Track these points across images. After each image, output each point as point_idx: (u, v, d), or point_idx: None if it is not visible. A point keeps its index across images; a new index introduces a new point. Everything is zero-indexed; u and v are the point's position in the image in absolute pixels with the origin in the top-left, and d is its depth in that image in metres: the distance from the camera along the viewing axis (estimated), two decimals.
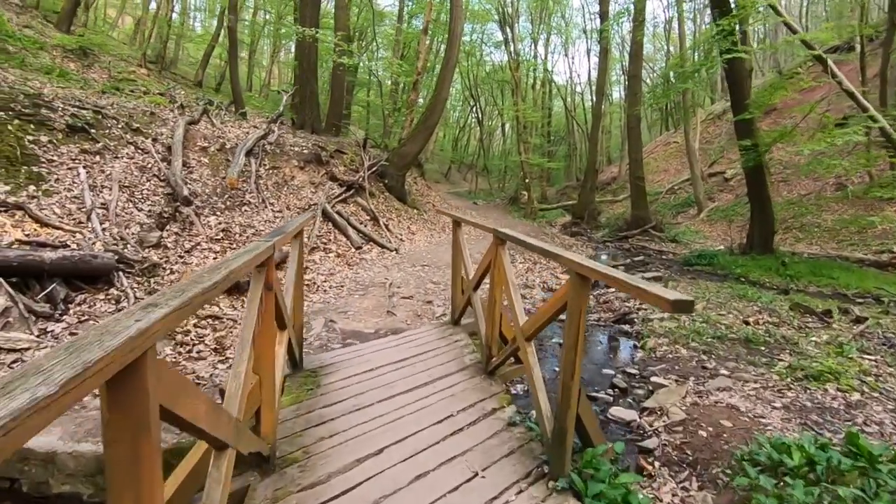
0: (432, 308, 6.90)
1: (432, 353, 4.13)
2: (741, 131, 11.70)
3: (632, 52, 16.72)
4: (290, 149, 10.15)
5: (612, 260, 13.20)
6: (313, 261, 7.99)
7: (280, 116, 12.08)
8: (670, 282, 10.18)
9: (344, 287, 7.49)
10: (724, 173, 25.49)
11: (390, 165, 12.06)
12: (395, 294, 7.33)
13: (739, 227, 19.51)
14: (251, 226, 7.83)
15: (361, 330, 5.77)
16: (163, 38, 16.66)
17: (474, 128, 51.28)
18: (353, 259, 8.74)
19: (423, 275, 8.76)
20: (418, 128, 12.02)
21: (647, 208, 17.08)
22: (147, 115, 8.63)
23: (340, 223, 9.19)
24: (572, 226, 20.61)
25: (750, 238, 12.18)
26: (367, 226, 10.18)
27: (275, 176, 9.32)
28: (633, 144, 16.75)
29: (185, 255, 6.44)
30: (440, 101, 11.80)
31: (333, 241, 8.85)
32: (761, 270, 10.69)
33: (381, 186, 12.02)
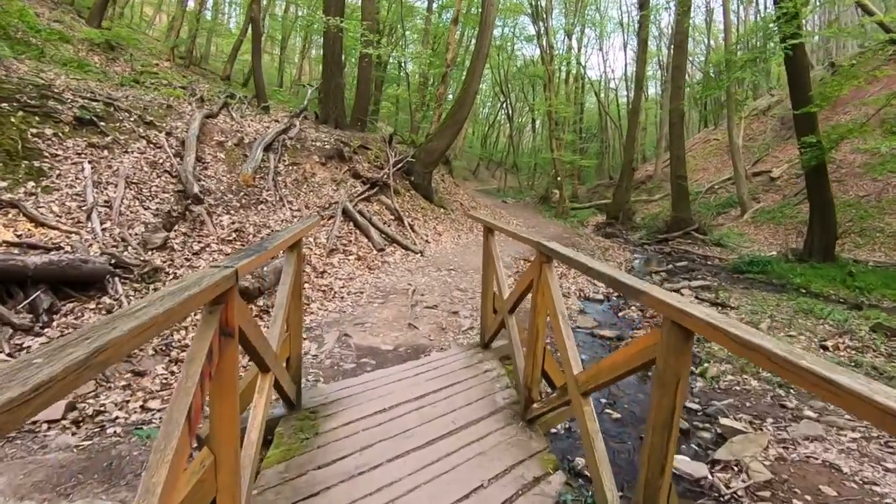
0: (458, 320, 6.19)
1: (458, 388, 3.42)
2: (802, 127, 10.55)
3: (675, 42, 15.55)
4: (311, 144, 9.59)
5: (651, 265, 12.21)
6: (332, 264, 7.39)
7: (304, 111, 11.56)
8: (721, 292, 9.20)
9: (363, 294, 6.85)
10: (770, 172, 23.90)
11: (417, 162, 11.39)
12: (419, 303, 6.65)
13: (788, 230, 18.11)
14: (266, 225, 7.28)
15: (379, 346, 5.11)
16: (192, 32, 16.40)
17: (503, 125, 50.29)
18: (374, 262, 8.11)
19: (449, 280, 8.07)
20: (447, 122, 11.31)
21: (689, 209, 15.92)
22: (163, 108, 8.18)
23: (362, 223, 8.57)
24: (606, 226, 19.55)
25: (808, 244, 11.01)
26: (391, 226, 9.54)
27: (294, 172, 8.76)
28: (674, 141, 15.61)
29: (193, 258, 5.90)
30: (470, 94, 11.05)
31: (354, 243, 8.24)
32: (824, 281, 9.57)
33: (407, 184, 11.37)
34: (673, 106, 15.39)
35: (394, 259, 8.55)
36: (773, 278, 10.21)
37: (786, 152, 26.22)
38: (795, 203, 19.70)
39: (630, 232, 19.13)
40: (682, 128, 16.03)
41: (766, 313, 7.40)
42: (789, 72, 10.41)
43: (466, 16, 19.08)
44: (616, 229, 18.93)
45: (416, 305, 6.54)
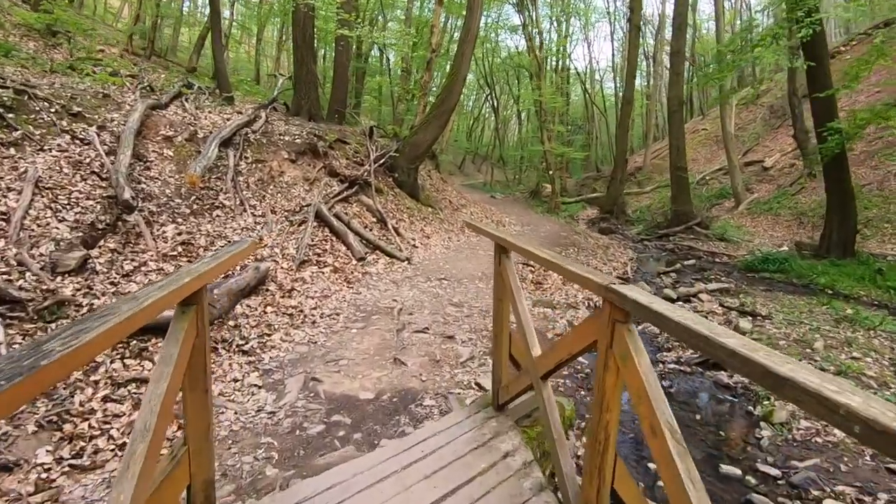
0: (455, 347, 5.03)
1: (466, 494, 2.24)
2: (821, 112, 9.53)
3: (675, 25, 14.49)
4: (279, 138, 8.29)
5: (658, 265, 11.17)
6: (302, 279, 6.15)
7: (274, 102, 10.25)
8: (742, 296, 8.18)
9: (340, 316, 5.65)
10: (763, 162, 23.12)
11: (401, 157, 10.17)
12: (406, 326, 5.46)
13: (788, 221, 17.28)
14: (222, 235, 6.02)
15: (356, 394, 3.92)
16: (151, 20, 14.85)
17: (488, 118, 49.07)
18: (353, 274, 6.89)
19: (440, 293, 6.89)
20: (433, 113, 10.09)
21: (691, 203, 14.95)
22: (98, 98, 6.83)
23: (339, 228, 7.34)
24: (600, 221, 18.52)
25: (825, 238, 10.05)
26: (373, 230, 8.32)
27: (258, 171, 7.48)
28: (674, 131, 14.58)
29: (122, 281, 4.64)
30: (458, 80, 9.85)
31: (330, 252, 7.01)
32: (850, 280, 8.61)
33: (390, 182, 10.14)
34: (672, 93, 14.35)
35: (376, 269, 7.34)
36: (793, 277, 9.23)
37: (776, 141, 25.50)
38: (792, 193, 18.88)
39: (625, 226, 18.14)
40: (682, 116, 15.03)
41: (806, 324, 6.37)
42: (808, 53, 9.37)
43: (450, 2, 17.80)
44: (611, 224, 17.92)
45: (404, 329, 5.36)
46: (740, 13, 31.72)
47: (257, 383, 3.96)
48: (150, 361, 3.87)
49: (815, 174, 19.05)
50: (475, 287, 7.39)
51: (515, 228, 12.52)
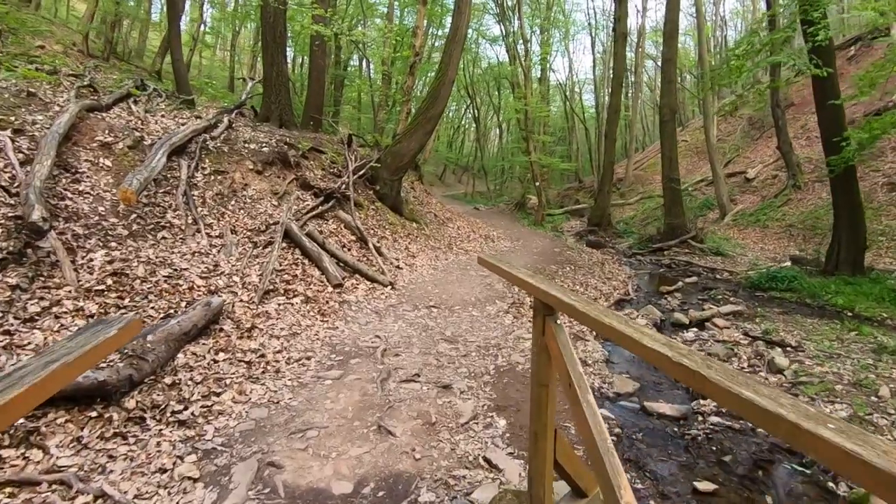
0: (453, 401, 4.04)
1: None
2: (829, 122, 8.93)
3: (665, 32, 13.95)
4: (244, 146, 7.22)
5: (661, 284, 10.40)
6: (266, 314, 5.08)
7: (241, 106, 9.17)
8: (758, 318, 7.41)
9: (311, 360, 4.59)
10: (746, 173, 22.89)
11: (382, 167, 9.18)
12: (392, 373, 4.45)
13: (778, 234, 16.84)
14: (168, 263, 4.91)
15: (328, 487, 2.87)
16: (110, 20, 13.59)
17: (468, 128, 48.52)
18: (329, 304, 5.84)
19: (430, 325, 5.90)
20: (418, 120, 9.15)
21: (684, 215, 14.32)
22: (20, 97, 5.67)
23: (312, 250, 6.29)
24: (588, 233, 17.81)
25: (833, 254, 9.42)
26: (352, 250, 7.29)
27: (218, 184, 6.39)
28: (666, 141, 13.97)
29: (21, 329, 3.52)
30: (445, 84, 8.95)
31: (301, 278, 5.95)
32: (868, 300, 7.93)
33: (371, 195, 9.14)
34: (664, 102, 13.76)
35: (356, 297, 6.30)
36: (806, 297, 8.52)
37: (757, 153, 25.39)
38: (779, 205, 18.53)
39: (614, 239, 17.46)
40: (675, 126, 14.45)
41: (844, 356, 5.59)
42: (818, 59, 8.76)
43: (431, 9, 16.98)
44: (600, 237, 17.22)
45: (389, 378, 4.34)
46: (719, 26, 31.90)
47: (192, 474, 2.88)
48: (40, 450, 2.78)
49: (800, 185, 18.81)
50: (468, 316, 6.42)
51: (505, 244, 11.63)
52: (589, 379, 4.89)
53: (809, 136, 22.45)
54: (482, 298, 7.20)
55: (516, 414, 4.00)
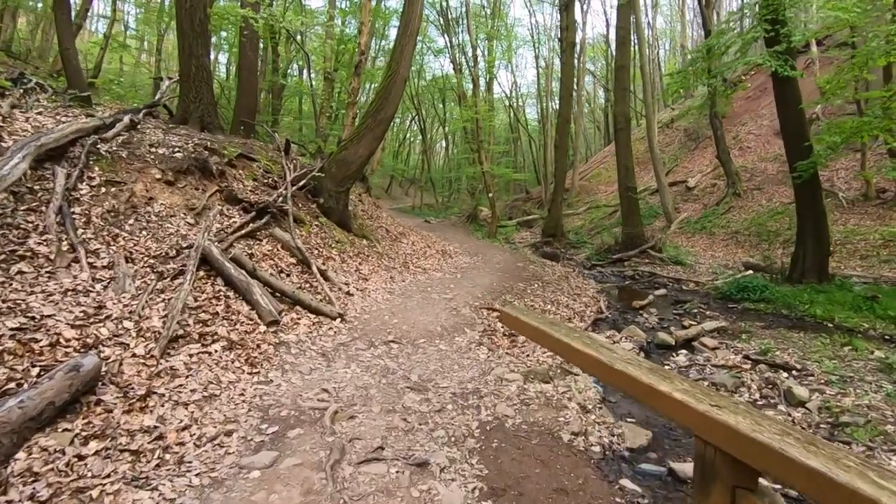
0: (431, 488, 2.91)
1: None
2: (793, 127, 8.67)
3: (618, 39, 13.65)
4: (150, 151, 5.76)
5: (632, 299, 9.76)
6: (172, 370, 3.73)
7: (153, 107, 7.64)
8: (744, 335, 6.82)
9: (232, 438, 3.30)
10: (686, 182, 23.42)
11: (327, 178, 7.92)
12: (346, 448, 3.25)
13: (725, 240, 16.98)
14: (22, 309, 3.46)
15: None
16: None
17: (413, 141, 47.68)
18: (261, 349, 4.53)
19: (390, 366, 4.74)
20: (366, 123, 7.99)
21: (641, 224, 13.97)
22: None
23: (239, 279, 4.96)
24: (543, 245, 17.23)
25: (798, 262, 9.15)
26: (292, 275, 5.99)
27: (112, 198, 4.92)
28: (621, 149, 13.61)
29: None
30: (397, 83, 7.86)
31: (223, 317, 4.60)
32: (845, 309, 7.58)
33: (314, 209, 7.85)
34: (618, 110, 13.41)
35: (297, 336, 5.02)
36: (781, 308, 8.10)
37: (694, 162, 26.17)
38: (722, 213, 18.87)
39: (569, 250, 16.97)
40: (629, 133, 14.13)
41: (856, 376, 4.98)
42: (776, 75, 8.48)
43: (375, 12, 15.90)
44: (555, 248, 16.67)
45: (343, 458, 3.13)
46: (650, 45, 33.04)
47: None
48: None
49: (740, 193, 19.29)
50: (436, 351, 5.31)
51: (464, 260, 10.63)
52: (594, 429, 3.91)
53: (742, 146, 23.34)
54: (449, 327, 6.11)
55: (519, 500, 2.94)
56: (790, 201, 17.08)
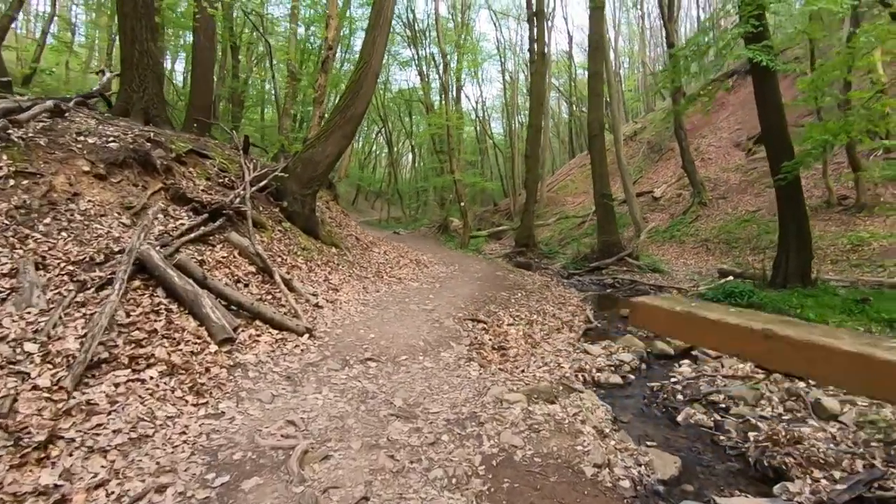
0: None
1: None
2: (772, 130, 8.50)
3: (591, 44, 13.49)
4: (75, 140, 4.83)
5: (599, 305, 9.31)
6: (88, 407, 2.86)
7: (89, 97, 6.66)
8: None
9: (165, 496, 2.46)
10: (652, 192, 23.68)
11: (291, 178, 7.12)
12: (320, 501, 2.48)
13: (696, 248, 17.02)
14: None
15: None
16: None
17: (379, 154, 46.98)
18: (210, 373, 3.69)
19: (369, 389, 3.98)
20: (334, 120, 7.25)
21: (617, 232, 13.70)
22: None
23: (186, 290, 4.09)
24: (517, 255, 16.75)
25: (781, 267, 8.94)
26: (251, 285, 5.15)
27: (23, 192, 3.99)
28: (596, 156, 13.36)
29: None
30: (369, 76, 7.16)
31: (163, 335, 3.73)
32: (835, 313, 7.33)
33: (277, 213, 7.02)
34: (593, 117, 13.18)
35: (256, 356, 4.18)
36: (771, 313, 7.80)
37: (658, 174, 26.59)
38: (689, 221, 19.02)
39: (542, 260, 16.57)
40: (604, 140, 13.92)
41: None
42: (756, 71, 8.33)
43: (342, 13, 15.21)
44: (528, 258, 16.22)
45: None
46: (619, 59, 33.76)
47: None
48: None
49: (705, 202, 19.52)
50: (420, 369, 4.59)
51: (440, 269, 9.95)
52: (618, 458, 3.28)
53: (703, 158, 23.80)
54: (432, 341, 5.40)
55: None
56: (755, 209, 17.42)
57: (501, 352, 5.67)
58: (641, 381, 5.18)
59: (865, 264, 11.06)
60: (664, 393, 4.76)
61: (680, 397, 4.66)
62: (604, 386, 4.99)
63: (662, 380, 5.19)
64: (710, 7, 38.12)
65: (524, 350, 5.88)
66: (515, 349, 5.85)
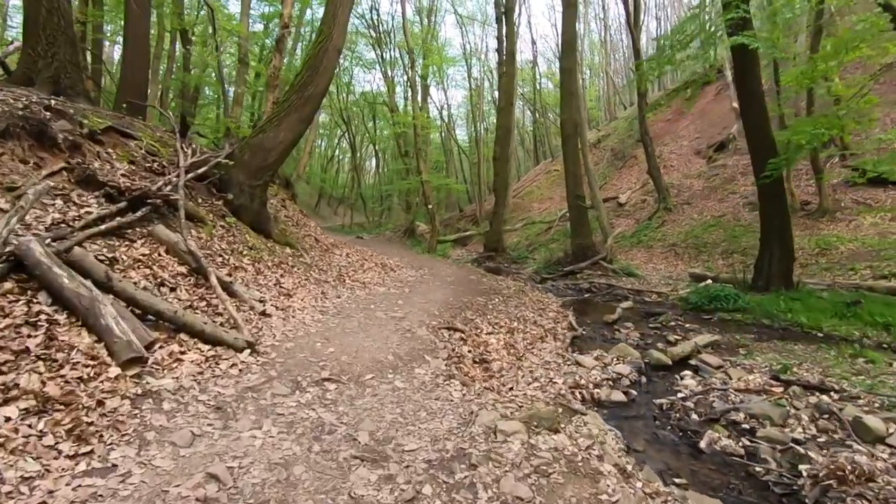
0: None
1: None
2: (754, 126, 8.17)
3: (563, 41, 13.02)
4: None
5: (601, 313, 8.70)
6: None
7: None
8: (741, 349, 5.88)
9: None
10: (617, 198, 23.63)
11: (238, 167, 6.09)
12: None
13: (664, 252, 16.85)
14: None
15: None
16: None
17: (342, 159, 45.66)
18: (104, 408, 2.68)
19: (329, 420, 3.05)
20: (290, 100, 6.25)
21: (591, 235, 13.21)
22: None
23: (77, 295, 3.06)
24: (486, 259, 16.08)
25: (763, 270, 8.61)
26: (179, 289, 4.12)
27: None
28: (569, 156, 12.87)
29: None
30: (329, 51, 6.22)
31: (38, 355, 2.70)
32: (828, 317, 6.95)
33: (219, 206, 5.96)
34: (566, 116, 12.69)
35: (175, 380, 3.18)
36: (760, 317, 7.36)
37: (622, 180, 26.69)
38: (656, 226, 18.93)
39: (512, 265, 15.95)
40: (577, 141, 13.45)
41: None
42: (737, 61, 7.98)
43: None
44: (498, 263, 15.57)
45: None
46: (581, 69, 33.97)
47: None
48: None
49: (671, 208, 19.52)
50: (390, 391, 3.70)
51: (409, 273, 9.07)
52: None
53: (666, 165, 23.94)
54: (404, 354, 4.51)
55: None
56: (720, 215, 17.44)
57: (484, 365, 4.85)
58: (646, 398, 4.48)
59: (835, 267, 10.96)
60: (676, 412, 4.07)
61: (695, 416, 3.99)
62: (606, 404, 4.25)
63: (668, 394, 4.52)
64: (667, 19, 39.17)
65: (508, 363, 5.09)
66: (499, 362, 5.05)
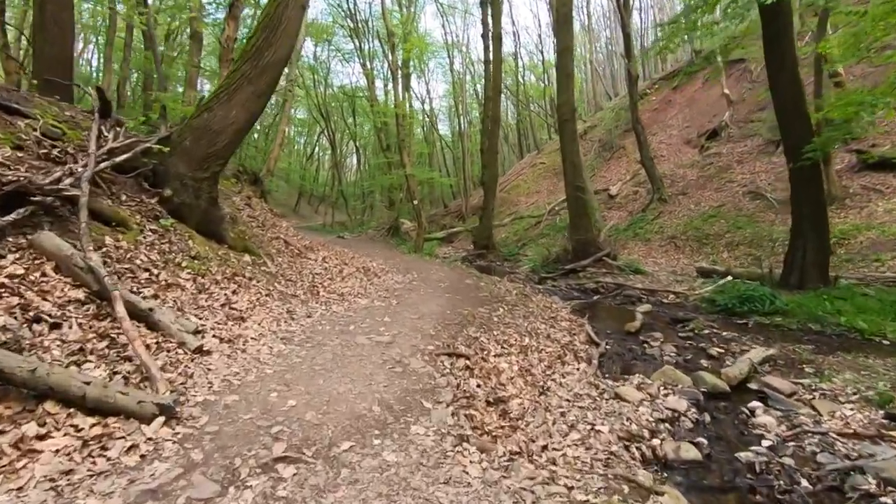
0: None
1: None
2: (785, 108, 7.07)
3: (559, 18, 11.82)
4: None
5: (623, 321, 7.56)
6: None
7: None
8: (805, 365, 4.78)
9: None
10: (608, 190, 22.68)
11: (176, 154, 4.73)
12: None
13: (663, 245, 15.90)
14: None
15: None
16: None
17: (323, 155, 43.97)
18: None
19: None
20: (241, 70, 4.90)
21: (592, 229, 12.08)
22: None
23: None
24: (477, 258, 14.87)
25: (795, 264, 7.56)
26: (67, 326, 2.78)
27: None
28: (567, 144, 11.69)
29: None
30: (290, 5, 4.90)
31: None
32: (881, 318, 5.91)
33: (154, 205, 4.61)
34: (563, 99, 11.50)
35: (19, 490, 1.87)
36: (805, 321, 6.29)
37: (611, 172, 25.74)
38: (652, 218, 17.99)
39: (504, 263, 14.78)
40: (575, 126, 12.30)
41: None
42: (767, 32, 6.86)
43: None
44: (490, 261, 14.38)
45: None
46: None
47: None
48: None
49: (666, 198, 18.59)
50: (376, 468, 2.42)
51: (396, 278, 7.78)
52: None
53: (656, 155, 22.96)
54: (394, 401, 3.24)
55: None
56: (719, 205, 16.51)
57: (501, 407, 3.63)
58: (723, 448, 3.31)
59: (857, 258, 10.04)
60: (776, 476, 2.90)
61: (805, 484, 2.82)
62: (675, 465, 3.06)
63: (746, 442, 3.36)
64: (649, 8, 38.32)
65: (530, 400, 3.88)
66: (518, 399, 3.83)
